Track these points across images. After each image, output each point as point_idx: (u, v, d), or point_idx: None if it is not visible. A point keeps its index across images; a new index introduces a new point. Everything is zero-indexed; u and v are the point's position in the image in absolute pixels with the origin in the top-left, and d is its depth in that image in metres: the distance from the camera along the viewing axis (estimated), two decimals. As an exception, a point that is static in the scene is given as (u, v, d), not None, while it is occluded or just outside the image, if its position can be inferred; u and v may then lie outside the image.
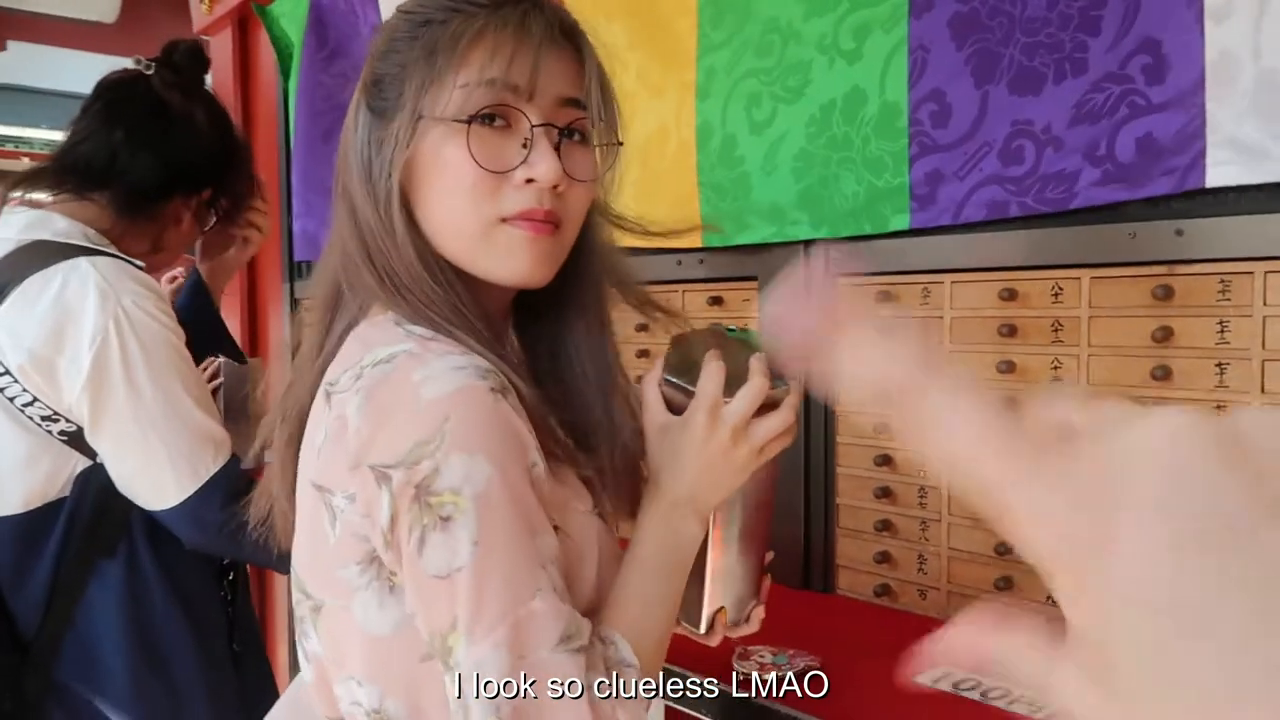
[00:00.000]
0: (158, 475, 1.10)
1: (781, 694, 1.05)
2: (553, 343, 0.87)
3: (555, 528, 0.73)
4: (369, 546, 0.71)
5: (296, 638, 0.83)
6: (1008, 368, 1.22)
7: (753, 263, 1.53)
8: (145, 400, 1.09)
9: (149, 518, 1.14)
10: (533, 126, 0.74)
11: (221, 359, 1.48)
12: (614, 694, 0.69)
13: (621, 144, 0.84)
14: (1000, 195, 1.20)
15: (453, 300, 0.75)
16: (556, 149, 0.75)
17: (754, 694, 1.06)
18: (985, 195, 1.22)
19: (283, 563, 0.83)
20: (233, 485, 1.11)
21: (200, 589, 1.22)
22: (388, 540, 0.68)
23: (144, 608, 1.16)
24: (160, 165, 1.24)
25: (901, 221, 1.30)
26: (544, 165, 0.74)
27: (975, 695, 1.05)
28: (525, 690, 0.65)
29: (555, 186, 0.75)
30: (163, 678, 1.17)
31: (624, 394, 0.86)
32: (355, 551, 0.71)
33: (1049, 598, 0.27)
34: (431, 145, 0.74)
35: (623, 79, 1.66)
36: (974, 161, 1.22)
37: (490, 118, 0.74)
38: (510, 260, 0.76)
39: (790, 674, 1.09)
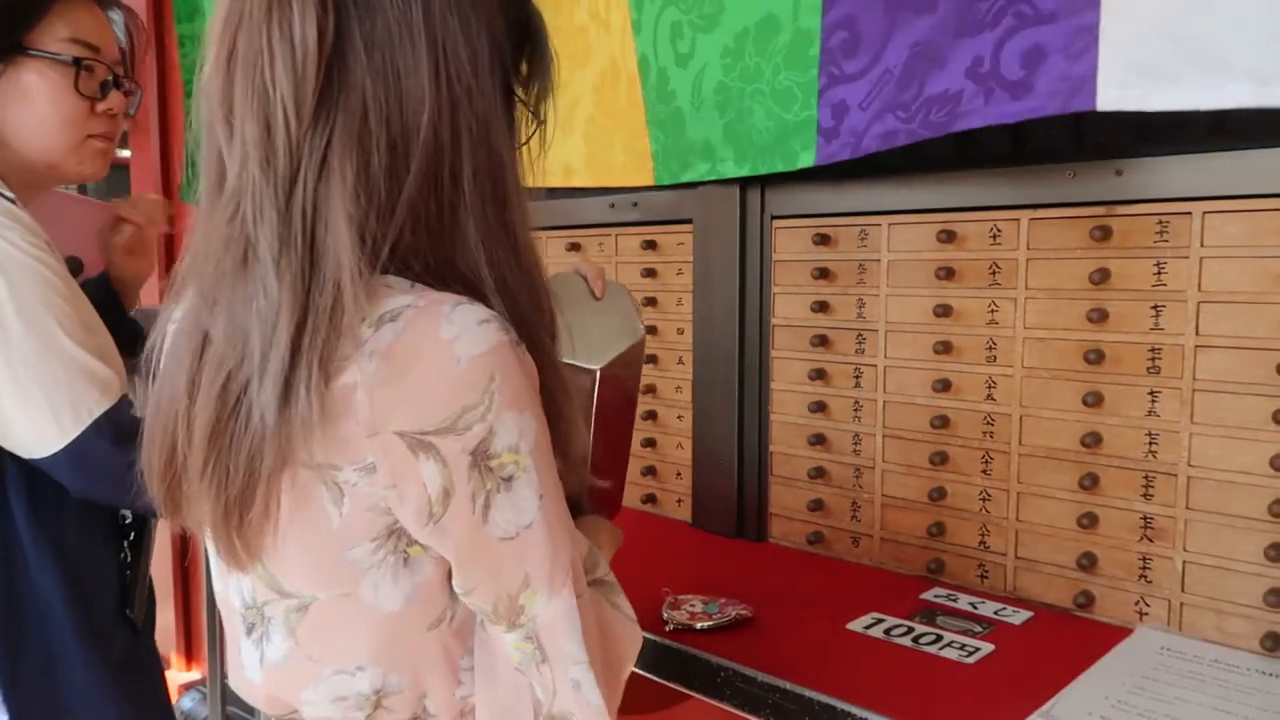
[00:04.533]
0: (37, 419, 1.01)
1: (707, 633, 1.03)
2: None
3: None
4: (388, 520, 0.66)
5: (244, 645, 0.75)
6: (944, 311, 1.20)
7: (688, 205, 1.48)
8: (15, 340, 0.99)
9: (26, 468, 1.06)
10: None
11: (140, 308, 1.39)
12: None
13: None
14: (893, 124, 1.14)
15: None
16: None
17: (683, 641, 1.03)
18: (881, 125, 1.15)
19: None
20: (122, 428, 1.02)
21: (85, 546, 1.13)
22: (434, 513, 0.64)
23: (13, 560, 1.08)
24: None
25: (808, 158, 1.24)
26: None
27: (906, 641, 1.03)
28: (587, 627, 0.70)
29: None
30: (32, 635, 1.09)
31: None
32: (370, 527, 0.66)
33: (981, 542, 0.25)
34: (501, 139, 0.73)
35: (573, 14, 1.60)
36: (877, 90, 1.16)
37: None
38: None
39: (721, 622, 1.07)
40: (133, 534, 1.20)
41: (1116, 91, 0.94)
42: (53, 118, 1.11)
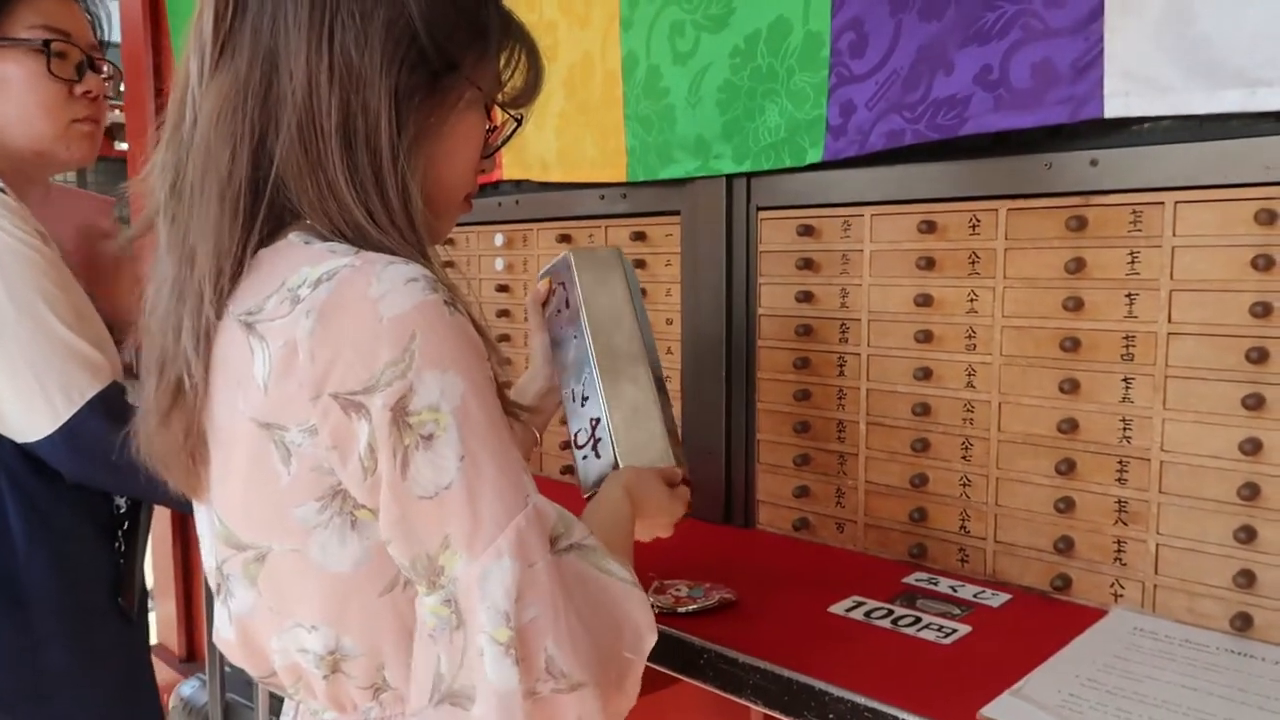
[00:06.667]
0: (29, 402, 1.03)
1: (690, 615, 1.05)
2: None
3: None
4: (332, 480, 0.69)
5: (218, 609, 0.80)
6: (925, 301, 1.22)
7: (676, 197, 1.50)
8: (7, 323, 1.02)
9: (20, 454, 1.08)
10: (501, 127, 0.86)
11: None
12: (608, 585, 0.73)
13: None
14: (898, 124, 1.19)
15: (425, 250, 0.76)
16: None
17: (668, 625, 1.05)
18: (887, 124, 1.20)
19: (177, 499, 0.80)
20: (115, 411, 1.04)
21: (78, 534, 1.15)
22: (367, 468, 0.66)
23: (3, 544, 1.10)
24: None
25: (816, 154, 1.28)
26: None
27: (886, 623, 1.06)
28: (534, 597, 0.67)
29: None
30: (16, 618, 1.11)
31: None
32: (315, 487, 0.69)
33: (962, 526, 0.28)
34: (463, 108, 0.79)
35: (542, 8, 1.63)
36: (883, 90, 1.20)
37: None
38: (454, 222, 0.87)
39: (706, 605, 1.09)
40: (127, 524, 1.22)
41: (1121, 100, 1.02)
42: (32, 104, 1.13)
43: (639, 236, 1.58)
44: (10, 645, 1.12)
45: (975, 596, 1.14)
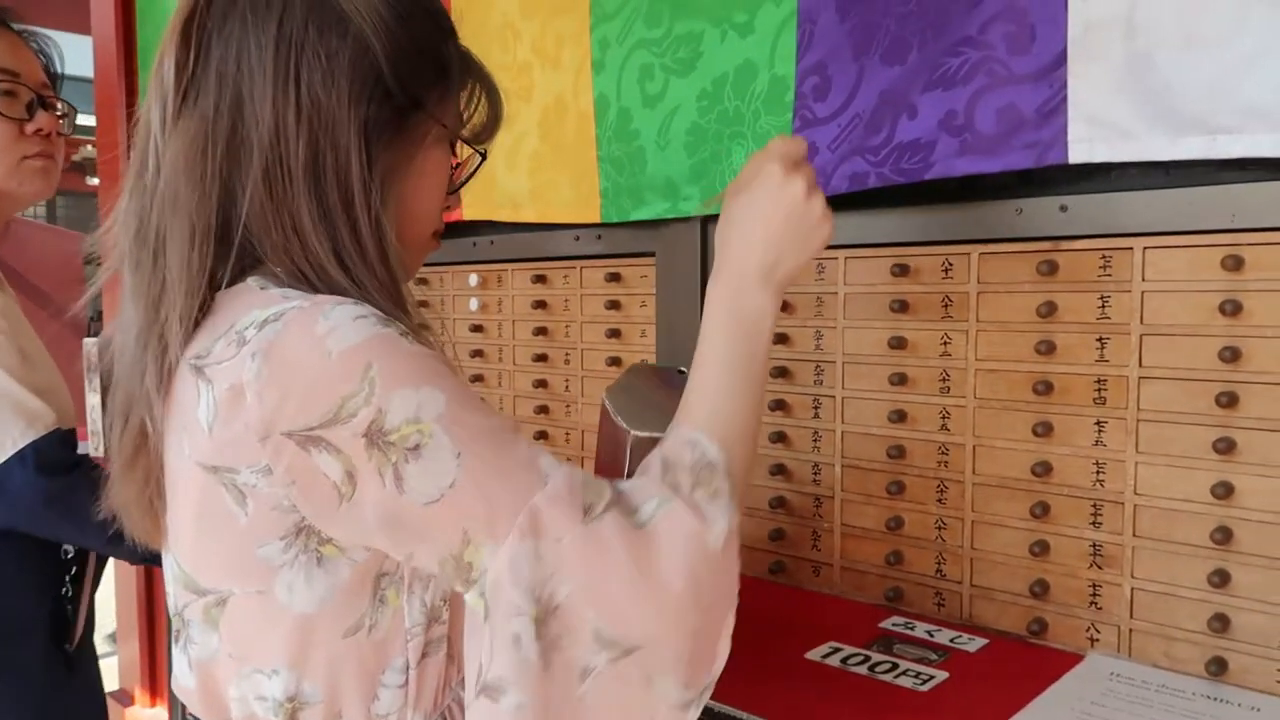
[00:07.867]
0: None
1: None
2: None
3: None
4: (294, 517, 0.67)
5: (177, 656, 0.78)
6: (899, 343, 1.22)
7: (650, 239, 1.50)
8: None
9: None
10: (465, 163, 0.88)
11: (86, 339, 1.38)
12: (676, 506, 0.68)
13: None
14: (861, 166, 1.20)
15: (399, 286, 0.75)
16: None
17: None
18: (850, 167, 1.21)
19: (115, 546, 0.79)
20: (47, 459, 1.04)
21: (16, 580, 1.13)
22: (343, 493, 0.65)
23: None
24: None
25: None
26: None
27: (862, 670, 1.05)
28: (566, 573, 0.64)
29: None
30: None
31: None
32: (278, 526, 0.68)
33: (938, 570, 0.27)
34: (429, 145, 0.79)
35: (516, 50, 1.64)
36: (846, 133, 1.21)
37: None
38: (423, 259, 0.88)
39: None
40: (74, 568, 1.20)
41: (1085, 146, 1.03)
42: None
43: (614, 278, 1.58)
44: None
45: (952, 641, 1.13)
